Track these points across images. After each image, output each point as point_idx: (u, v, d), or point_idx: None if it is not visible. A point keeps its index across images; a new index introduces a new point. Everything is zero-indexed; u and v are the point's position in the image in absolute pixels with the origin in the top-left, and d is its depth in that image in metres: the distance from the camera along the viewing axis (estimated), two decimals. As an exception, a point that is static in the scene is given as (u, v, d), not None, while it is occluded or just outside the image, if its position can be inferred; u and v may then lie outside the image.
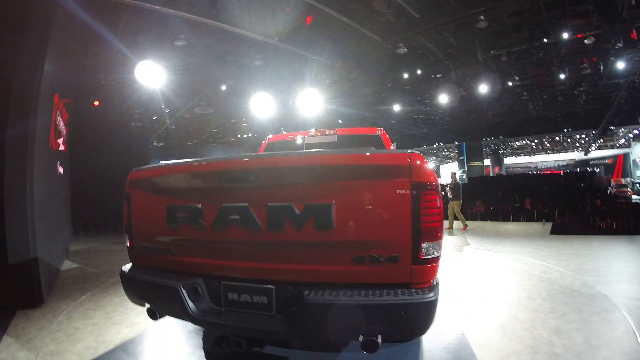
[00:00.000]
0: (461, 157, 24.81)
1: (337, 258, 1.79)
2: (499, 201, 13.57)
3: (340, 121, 17.91)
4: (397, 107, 15.71)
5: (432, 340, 2.82)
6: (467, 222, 10.19)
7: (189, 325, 3.06)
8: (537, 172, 32.32)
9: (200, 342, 2.81)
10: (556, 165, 36.14)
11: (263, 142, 4.60)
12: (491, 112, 18.85)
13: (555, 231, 8.90)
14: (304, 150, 2.97)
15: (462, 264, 5.92)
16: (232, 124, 19.55)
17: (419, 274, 1.75)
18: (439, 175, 41.97)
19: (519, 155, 37.22)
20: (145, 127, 13.96)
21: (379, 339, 1.64)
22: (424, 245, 1.72)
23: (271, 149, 4.38)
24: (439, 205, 1.79)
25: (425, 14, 9.18)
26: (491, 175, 29.13)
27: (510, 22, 9.73)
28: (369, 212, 1.76)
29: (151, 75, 9.35)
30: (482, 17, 8.65)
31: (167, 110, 15.17)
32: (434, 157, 41.95)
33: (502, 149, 33.34)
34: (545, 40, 9.75)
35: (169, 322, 3.22)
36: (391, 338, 1.79)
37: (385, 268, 1.73)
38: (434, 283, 1.82)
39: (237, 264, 1.96)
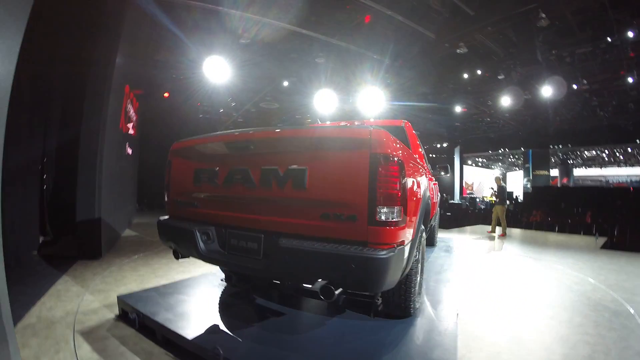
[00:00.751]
0: (527, 165, 23.46)
1: (308, 213, 2.16)
2: (559, 212, 12.90)
3: (403, 121, 18.00)
4: (458, 109, 15.46)
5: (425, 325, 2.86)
6: (521, 230, 9.89)
7: (212, 284, 3.67)
8: (606, 186, 29.44)
9: (218, 296, 3.40)
10: (628, 179, 32.55)
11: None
12: (559, 118, 17.64)
13: (607, 246, 8.40)
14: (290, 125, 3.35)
15: (494, 266, 5.93)
16: (297, 119, 20.49)
17: (375, 235, 2.00)
18: (505, 182, 39.80)
19: (589, 166, 34.12)
20: (212, 119, 15.26)
21: (335, 290, 2.03)
22: (380, 208, 1.98)
23: None
24: (397, 175, 2.03)
25: (480, 11, 9.10)
26: (558, 186, 27.17)
27: (574, 20, 9.21)
28: (336, 177, 2.10)
29: (218, 70, 10.42)
30: (543, 15, 8.34)
31: (233, 104, 16.40)
32: (500, 164, 39.81)
33: (572, 159, 30.89)
34: (609, 39, 9.12)
35: (201, 282, 3.84)
36: (344, 286, 2.14)
37: (346, 226, 2.04)
38: (395, 246, 2.05)
39: (238, 215, 2.50)
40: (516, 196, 21.69)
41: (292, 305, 3.14)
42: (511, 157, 32.45)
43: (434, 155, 29.83)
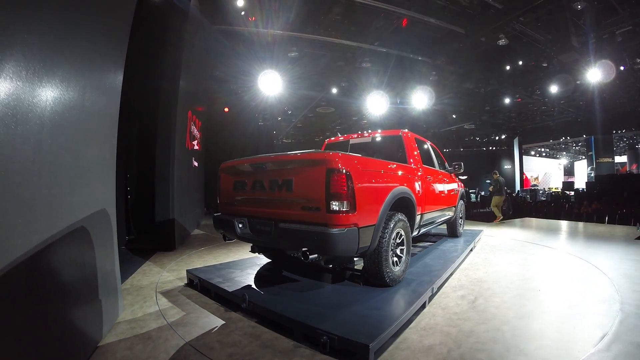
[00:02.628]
0: (590, 153, 22.37)
1: (295, 207, 3.44)
2: (619, 202, 12.58)
3: (454, 116, 18.46)
4: (507, 100, 15.61)
5: (403, 294, 3.83)
6: (565, 222, 10.13)
7: (253, 263, 5.02)
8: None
9: (255, 270, 4.74)
10: None
11: (325, 141, 6.34)
12: (618, 101, 16.80)
13: None
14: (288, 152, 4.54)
15: (498, 252, 6.59)
16: (354, 121, 21.80)
17: (331, 219, 3.13)
18: (572, 174, 37.25)
19: None
20: (271, 125, 17.05)
21: (310, 254, 3.20)
22: (332, 202, 3.13)
23: (329, 147, 6.11)
24: (343, 180, 3.13)
25: (509, 3, 9.58)
26: (630, 172, 25.22)
27: None
28: (308, 183, 3.31)
29: (271, 83, 11.98)
30: None
31: (290, 112, 18.07)
32: (564, 153, 37.96)
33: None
34: None
35: (246, 262, 5.20)
36: (313, 251, 3.24)
37: (315, 214, 3.22)
38: (345, 227, 3.12)
39: (259, 209, 3.84)
40: (576, 188, 20.99)
41: (305, 275, 4.40)
42: (575, 145, 30.80)
43: (493, 148, 29.32)
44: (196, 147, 9.22)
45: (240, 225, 3.89)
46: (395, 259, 4.01)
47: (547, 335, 2.95)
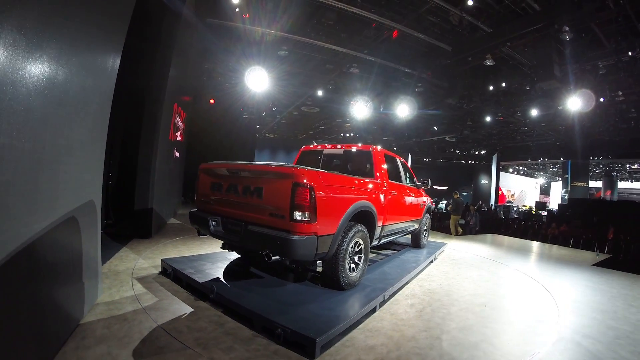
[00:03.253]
0: (565, 176, 23.80)
1: (264, 212, 3.89)
2: (585, 227, 13.47)
3: (435, 128, 19.23)
4: (489, 118, 16.40)
5: (357, 297, 4.46)
6: (528, 241, 10.92)
7: (224, 257, 5.44)
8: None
9: (225, 264, 5.17)
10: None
11: (299, 149, 6.76)
12: (598, 129, 17.88)
13: (603, 264, 8.73)
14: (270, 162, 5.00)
15: (457, 266, 7.16)
16: (338, 123, 22.33)
17: (293, 227, 3.58)
18: (548, 194, 38.91)
19: (637, 180, 32.91)
20: (254, 119, 17.40)
21: (273, 256, 3.69)
22: (295, 212, 3.57)
23: (303, 155, 6.57)
24: (307, 194, 3.57)
25: (498, 28, 10.19)
26: (602, 198, 26.72)
27: (602, 31, 9.88)
28: (277, 193, 3.74)
29: (258, 79, 12.28)
30: (567, 28, 9.08)
31: (274, 109, 18.45)
32: (542, 173, 39.77)
33: (616, 171, 30.23)
34: (629, 53, 9.81)
35: (218, 255, 5.61)
36: (276, 254, 3.72)
37: (281, 221, 3.66)
38: (305, 235, 3.58)
39: (232, 211, 4.27)
40: (549, 209, 22.03)
41: (270, 273, 4.88)
42: (552, 167, 32.42)
43: (472, 162, 30.39)
44: (179, 138, 9.54)
45: (213, 223, 4.33)
46: (353, 265, 4.46)
47: (480, 347, 3.37)
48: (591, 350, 3.51)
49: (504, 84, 13.22)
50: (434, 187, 36.15)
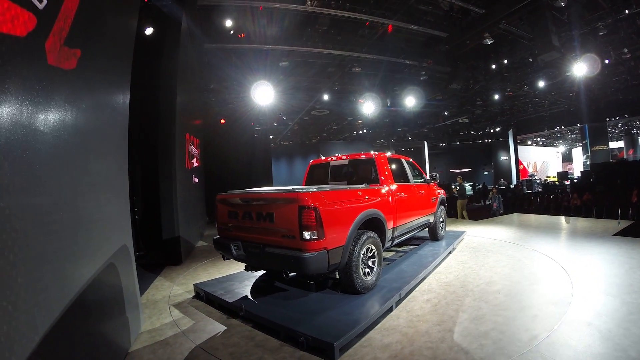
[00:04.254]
0: (584, 141, 23.24)
1: (277, 234, 4.36)
2: (610, 192, 13.38)
3: (446, 113, 19.43)
4: (497, 95, 16.48)
5: (374, 300, 4.96)
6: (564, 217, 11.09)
7: (250, 275, 5.93)
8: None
9: (252, 282, 5.67)
10: None
11: (310, 162, 7.21)
12: (611, 89, 17.65)
13: (624, 232, 8.86)
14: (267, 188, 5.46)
15: (475, 254, 7.43)
16: (349, 122, 22.74)
17: (305, 245, 4.01)
18: (570, 160, 38.19)
19: None
20: (266, 131, 18.02)
21: (290, 272, 4.16)
22: (304, 232, 4.02)
23: (312, 169, 7.04)
24: (312, 214, 3.98)
25: (489, 8, 10.37)
26: (625, 159, 25.96)
27: None
28: (286, 216, 4.19)
29: (264, 93, 12.80)
30: None
31: (284, 118, 19.01)
32: (561, 141, 39.08)
33: (635, 128, 29.37)
34: (626, 11, 9.88)
35: (244, 275, 6.12)
36: (292, 271, 4.17)
37: (292, 241, 4.11)
38: (316, 252, 4.01)
39: (249, 235, 4.76)
40: (571, 177, 21.73)
41: (293, 285, 5.34)
42: (570, 133, 31.92)
43: (489, 140, 30.24)
44: (195, 164, 10.15)
45: (235, 248, 4.76)
46: (368, 270, 4.85)
47: (490, 336, 3.63)
48: (601, 330, 3.64)
49: (506, 61, 13.31)
50: (452, 170, 36.32)
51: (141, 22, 7.47)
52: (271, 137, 22.87)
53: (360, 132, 25.77)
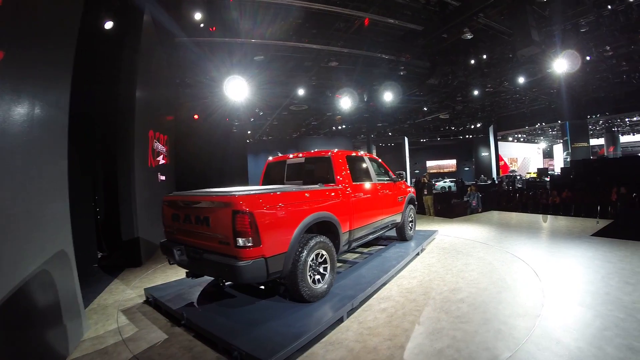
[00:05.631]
0: (565, 138, 23.71)
1: (214, 240, 4.11)
2: (590, 189, 13.60)
3: (425, 108, 19.58)
4: (477, 91, 16.62)
5: (321, 309, 4.91)
6: (542, 216, 11.22)
7: (203, 280, 5.85)
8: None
9: (202, 287, 5.60)
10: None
11: (267, 160, 7.03)
12: (592, 87, 17.93)
13: (603, 233, 8.84)
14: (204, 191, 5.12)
15: (444, 256, 7.41)
16: (328, 117, 22.67)
17: (238, 253, 3.82)
18: (551, 157, 39.04)
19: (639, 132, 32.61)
20: (243, 126, 17.87)
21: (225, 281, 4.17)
22: (237, 239, 3.80)
23: (269, 167, 6.88)
24: (246, 220, 3.77)
25: (464, 0, 10.32)
26: (605, 156, 26.63)
27: None
28: (221, 221, 3.99)
29: (239, 87, 12.64)
30: None
31: (261, 113, 18.88)
32: (542, 138, 39.86)
33: (616, 126, 30.21)
34: (609, 7, 9.98)
35: (198, 280, 6.04)
36: (227, 279, 4.15)
37: (228, 247, 3.92)
38: (251, 260, 3.81)
39: (190, 240, 4.58)
40: (551, 173, 22.16)
41: (243, 291, 5.23)
42: (551, 130, 32.67)
43: (470, 136, 30.64)
44: (162, 162, 9.99)
45: (178, 252, 4.52)
46: (318, 277, 4.71)
47: (444, 355, 3.43)
48: (571, 349, 3.40)
49: (485, 56, 13.31)
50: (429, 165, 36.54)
51: (100, 14, 7.35)
52: (249, 132, 22.75)
53: (340, 127, 25.72)
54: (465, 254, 7.44)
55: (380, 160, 7.62)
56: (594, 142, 29.07)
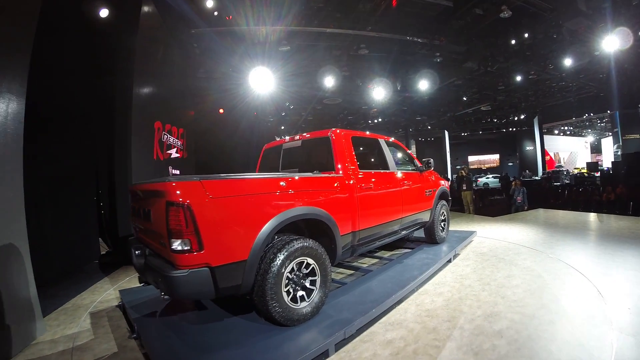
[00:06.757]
0: (615, 130, 21.33)
1: (155, 239, 3.29)
2: None
3: (465, 98, 18.25)
4: (520, 78, 15.25)
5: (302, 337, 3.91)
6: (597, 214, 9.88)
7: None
8: None
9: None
10: None
11: (264, 146, 6.11)
12: None
13: None
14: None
15: (481, 265, 6.05)
16: (364, 110, 21.80)
17: (175, 259, 2.86)
18: (599, 151, 35.94)
19: None
20: (274, 121, 17.41)
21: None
22: (172, 241, 2.82)
23: (265, 153, 5.98)
24: (182, 215, 2.81)
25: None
26: None
27: None
28: (157, 217, 3.10)
29: (264, 79, 12.18)
30: None
31: (292, 107, 18.35)
32: (590, 130, 36.87)
33: None
34: None
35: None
36: (164, 292, 3.07)
37: (165, 250, 2.98)
38: (188, 269, 2.84)
39: (144, 238, 3.72)
40: (601, 168, 20.30)
41: (218, 303, 4.31)
42: (599, 121, 30.12)
43: (513, 129, 28.72)
44: (175, 155, 9.64)
45: (137, 253, 3.56)
46: (302, 293, 3.64)
47: None
48: None
49: (526, 35, 11.98)
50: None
51: (96, 2, 7.08)
52: (282, 127, 22.32)
53: (377, 121, 24.74)
54: (508, 262, 6.01)
55: (402, 144, 6.45)
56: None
